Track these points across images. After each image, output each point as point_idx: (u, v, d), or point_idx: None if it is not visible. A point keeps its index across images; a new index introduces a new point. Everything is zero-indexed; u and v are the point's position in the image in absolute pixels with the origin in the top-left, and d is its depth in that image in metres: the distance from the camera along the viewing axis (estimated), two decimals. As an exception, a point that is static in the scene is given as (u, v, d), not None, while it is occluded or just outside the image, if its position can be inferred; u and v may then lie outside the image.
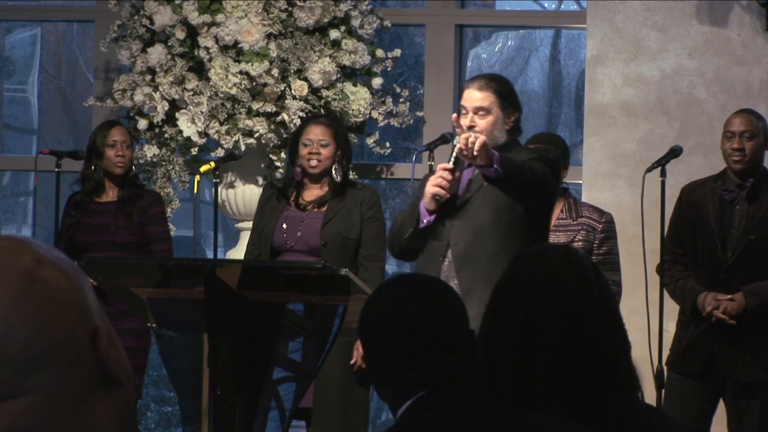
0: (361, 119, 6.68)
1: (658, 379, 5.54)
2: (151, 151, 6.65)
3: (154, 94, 6.57)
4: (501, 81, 4.99)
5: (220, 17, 6.47)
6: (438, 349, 2.26)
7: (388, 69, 6.85)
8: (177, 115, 6.55)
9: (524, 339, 2.37)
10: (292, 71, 6.49)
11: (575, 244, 5.51)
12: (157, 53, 6.56)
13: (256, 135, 6.51)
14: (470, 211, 4.84)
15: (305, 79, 6.51)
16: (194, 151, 6.63)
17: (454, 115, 4.87)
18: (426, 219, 4.85)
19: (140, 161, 6.65)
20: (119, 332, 1.77)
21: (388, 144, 6.80)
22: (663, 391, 5.56)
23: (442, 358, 2.25)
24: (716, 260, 5.58)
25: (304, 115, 6.41)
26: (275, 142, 6.57)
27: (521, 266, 2.46)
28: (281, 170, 6.68)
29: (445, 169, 4.79)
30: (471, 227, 4.82)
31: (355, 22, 6.68)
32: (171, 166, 6.68)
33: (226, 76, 6.41)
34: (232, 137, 6.48)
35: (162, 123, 6.62)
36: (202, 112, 6.47)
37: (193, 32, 6.55)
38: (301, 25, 6.52)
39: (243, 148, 6.52)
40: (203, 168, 5.96)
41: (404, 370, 2.26)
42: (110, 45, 6.85)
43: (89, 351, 1.25)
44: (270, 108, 6.49)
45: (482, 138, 4.55)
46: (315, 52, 6.52)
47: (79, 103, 8.35)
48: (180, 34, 6.53)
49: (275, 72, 6.45)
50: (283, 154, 6.64)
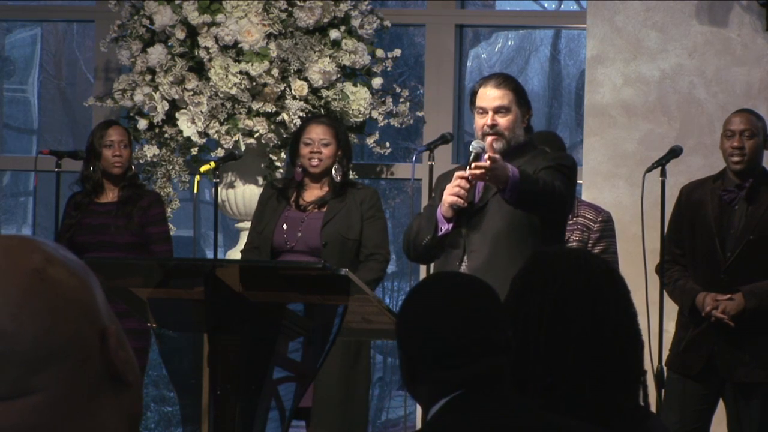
0: (361, 119, 6.68)
1: (658, 379, 5.54)
2: (151, 151, 6.65)
3: (154, 94, 6.57)
4: (515, 80, 4.98)
5: (220, 17, 6.47)
6: (478, 349, 2.25)
7: (388, 69, 6.85)
8: (177, 115, 6.55)
9: (553, 326, 2.38)
10: (292, 71, 6.49)
11: (570, 243, 5.51)
12: (157, 53, 6.56)
13: (256, 135, 6.51)
14: (486, 218, 4.80)
15: (305, 79, 6.51)
16: (194, 151, 6.64)
17: (488, 139, 4.82)
18: (444, 227, 4.82)
19: (140, 161, 6.65)
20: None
21: (388, 144, 6.81)
22: (663, 391, 5.56)
23: (482, 358, 2.24)
24: (715, 260, 5.57)
25: (304, 115, 6.41)
26: (275, 142, 6.57)
27: (542, 258, 2.47)
28: (281, 170, 6.68)
29: (462, 177, 4.76)
30: (488, 235, 4.78)
31: (355, 22, 6.68)
32: (171, 166, 6.68)
33: (226, 76, 6.41)
34: (232, 137, 6.48)
35: (162, 123, 6.62)
36: (202, 112, 6.47)
37: (193, 32, 6.55)
38: (301, 25, 6.53)
39: (243, 148, 6.52)
40: (203, 168, 5.96)
41: (442, 369, 2.25)
42: (110, 45, 6.86)
43: (98, 351, 1.25)
44: (270, 108, 6.49)
45: (494, 161, 4.56)
46: (315, 52, 6.52)
47: (79, 103, 8.35)
48: (180, 34, 6.53)
49: (275, 72, 6.45)
50: (283, 154, 6.64)
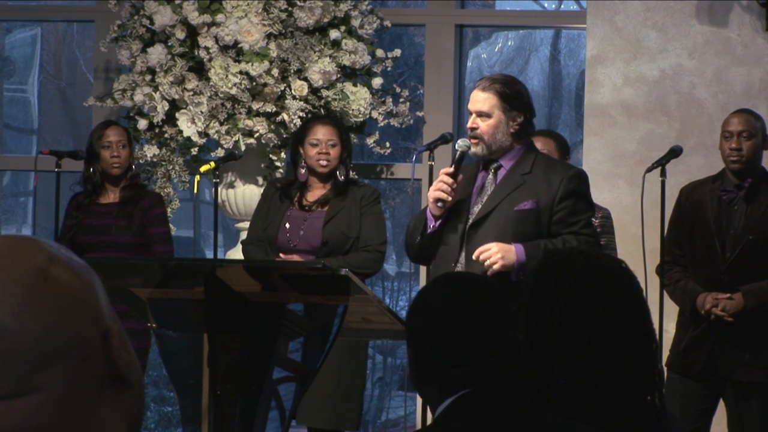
0: (361, 119, 6.68)
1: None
2: (151, 151, 6.65)
3: (154, 94, 6.57)
4: (506, 82, 4.88)
5: (220, 17, 6.47)
6: (488, 348, 2.26)
7: (388, 69, 6.85)
8: (177, 115, 6.55)
9: (567, 324, 2.38)
10: (292, 71, 6.49)
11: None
12: (157, 53, 6.56)
13: (256, 135, 6.50)
14: (492, 227, 4.78)
15: (305, 79, 6.51)
16: (194, 151, 6.63)
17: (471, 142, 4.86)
18: (432, 224, 4.82)
19: (140, 161, 6.65)
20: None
21: (388, 144, 6.80)
22: (663, 391, 5.56)
23: (491, 357, 2.25)
24: (715, 261, 5.57)
25: (304, 115, 6.41)
26: (275, 142, 6.57)
27: (555, 258, 2.47)
28: (281, 170, 6.68)
29: (447, 174, 4.76)
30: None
31: (355, 22, 6.68)
32: (171, 166, 6.68)
33: (226, 76, 6.41)
34: (232, 137, 6.48)
35: (162, 123, 6.62)
36: (202, 112, 6.47)
37: (193, 32, 6.55)
38: (301, 25, 6.52)
39: (243, 148, 6.52)
40: (203, 168, 5.96)
41: (451, 367, 2.25)
42: (110, 45, 6.86)
43: (100, 351, 1.25)
44: (270, 108, 6.49)
45: (497, 266, 4.60)
46: (315, 52, 6.52)
47: (79, 103, 8.35)
48: (180, 34, 6.53)
49: (275, 72, 6.45)
50: (283, 154, 6.64)
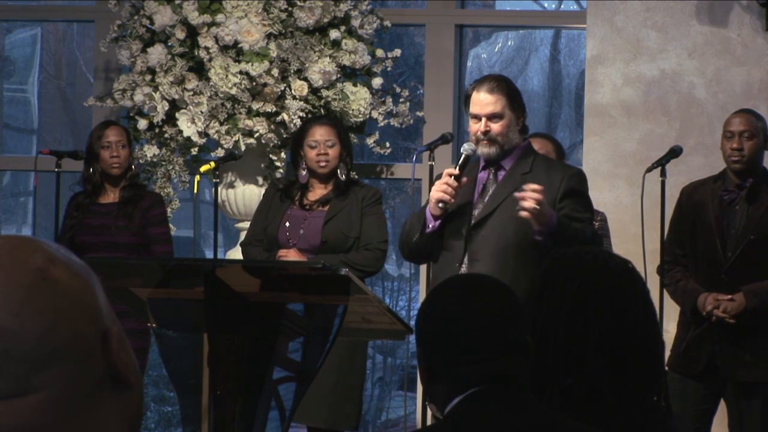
0: (361, 119, 6.68)
1: (659, 379, 5.54)
2: (151, 151, 6.65)
3: (154, 94, 6.57)
4: (508, 81, 4.95)
5: (220, 17, 6.47)
6: (498, 347, 2.27)
7: (388, 69, 6.85)
8: (177, 115, 6.54)
9: (573, 324, 2.38)
10: (292, 71, 6.49)
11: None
12: (157, 53, 6.56)
13: (256, 135, 6.50)
14: (493, 227, 4.78)
15: (305, 79, 6.50)
16: (194, 151, 6.63)
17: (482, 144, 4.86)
18: (431, 224, 4.82)
19: (140, 161, 6.65)
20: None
21: (388, 144, 6.80)
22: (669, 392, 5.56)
23: (500, 356, 2.26)
24: (716, 260, 5.57)
25: (304, 115, 6.41)
26: (275, 142, 6.57)
27: (561, 259, 2.47)
28: (281, 170, 6.67)
29: (451, 175, 4.75)
30: (494, 246, 4.77)
31: (355, 22, 6.67)
32: (171, 166, 6.68)
33: (226, 76, 6.41)
34: (232, 137, 6.47)
35: (162, 123, 6.62)
36: (202, 112, 6.46)
37: (193, 32, 6.55)
38: (301, 25, 6.52)
39: (243, 148, 6.52)
40: (203, 168, 5.96)
41: (461, 365, 2.26)
42: (110, 45, 6.85)
43: (99, 351, 1.26)
44: (270, 108, 6.49)
45: (528, 207, 4.57)
46: (315, 52, 6.52)
47: (79, 103, 8.35)
48: (180, 34, 6.53)
49: (275, 72, 6.45)
50: (283, 154, 6.64)
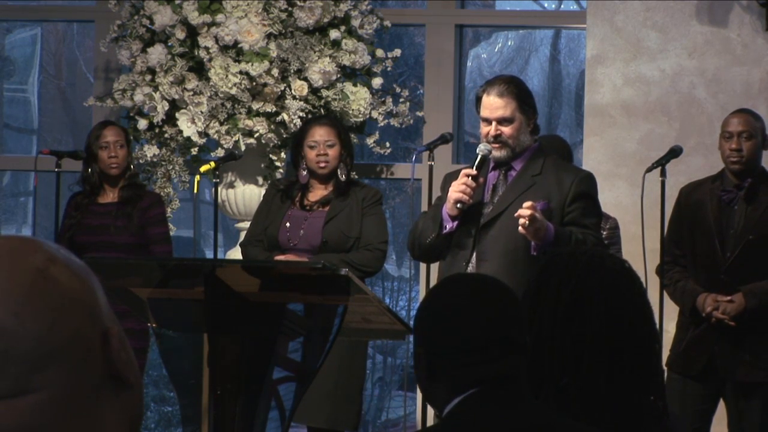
0: (361, 119, 6.68)
1: (658, 379, 5.54)
2: (151, 151, 6.65)
3: (154, 94, 6.57)
4: (518, 83, 4.92)
5: (220, 17, 6.47)
6: (499, 348, 2.26)
7: (388, 69, 6.85)
8: (177, 115, 6.54)
9: (569, 324, 2.38)
10: (292, 71, 6.49)
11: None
12: (157, 53, 6.56)
13: (256, 135, 6.50)
14: (503, 227, 4.76)
15: (305, 79, 6.51)
16: (194, 151, 6.63)
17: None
18: (449, 225, 4.80)
19: (140, 161, 6.65)
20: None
21: (388, 144, 6.80)
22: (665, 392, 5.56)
23: (501, 357, 2.26)
24: (715, 261, 5.57)
25: (304, 115, 6.41)
26: (275, 142, 6.57)
27: (558, 259, 2.47)
28: (281, 170, 6.68)
29: (468, 175, 4.74)
30: (503, 246, 4.76)
31: (355, 22, 6.68)
32: (171, 166, 6.68)
33: (226, 76, 6.41)
34: (232, 137, 6.48)
35: (162, 123, 6.62)
36: (202, 112, 6.47)
37: (193, 32, 6.55)
38: (301, 25, 6.52)
39: (243, 148, 6.52)
40: (203, 168, 5.96)
41: (462, 366, 2.26)
42: (110, 45, 6.85)
43: (99, 351, 1.25)
44: (270, 108, 6.49)
45: (523, 222, 4.56)
46: (315, 52, 6.52)
47: (79, 103, 8.35)
48: (180, 34, 6.53)
49: (275, 72, 6.45)
50: (283, 154, 6.65)
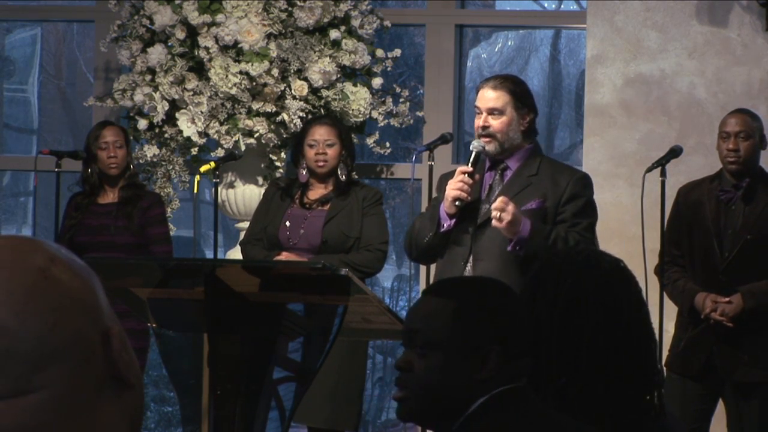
0: (361, 119, 6.68)
1: (658, 379, 5.54)
2: (151, 151, 6.65)
3: (154, 94, 6.57)
4: (516, 81, 4.97)
5: (220, 17, 6.47)
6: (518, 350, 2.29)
7: (388, 69, 6.85)
8: (177, 115, 6.55)
9: (566, 324, 2.39)
10: (292, 71, 6.49)
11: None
12: (157, 53, 6.56)
13: (256, 135, 6.50)
14: (498, 229, 4.76)
15: (305, 79, 6.51)
16: (194, 151, 6.63)
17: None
18: (446, 223, 4.80)
19: (140, 161, 6.65)
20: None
21: (388, 144, 6.80)
22: (662, 391, 5.56)
23: (511, 360, 2.27)
24: (713, 261, 5.57)
25: (304, 115, 6.41)
26: (275, 142, 6.57)
27: (554, 259, 2.47)
28: (281, 170, 6.68)
29: (465, 173, 4.75)
30: (499, 246, 4.76)
31: (355, 22, 6.68)
32: (171, 166, 6.68)
33: (226, 76, 6.41)
34: (232, 137, 6.48)
35: (162, 123, 6.62)
36: (202, 112, 6.47)
37: (193, 32, 6.55)
38: (301, 25, 6.52)
39: (243, 148, 6.52)
40: (203, 168, 5.96)
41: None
42: (110, 45, 6.85)
43: (100, 351, 1.25)
44: (270, 108, 6.49)
45: (509, 215, 4.57)
46: (315, 52, 6.52)
47: (79, 103, 8.35)
48: (180, 34, 6.53)
49: (275, 72, 6.45)
50: (283, 154, 6.65)
